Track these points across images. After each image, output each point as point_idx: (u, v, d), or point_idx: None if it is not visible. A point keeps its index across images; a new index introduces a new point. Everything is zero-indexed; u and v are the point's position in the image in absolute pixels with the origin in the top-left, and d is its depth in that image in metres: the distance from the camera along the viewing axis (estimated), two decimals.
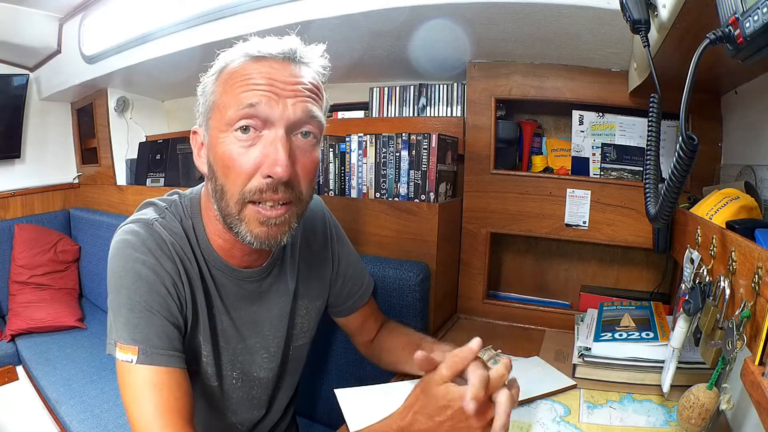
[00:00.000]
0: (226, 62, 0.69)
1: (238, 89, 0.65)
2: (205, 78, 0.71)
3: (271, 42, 0.67)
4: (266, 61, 0.66)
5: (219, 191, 0.68)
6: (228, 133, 0.66)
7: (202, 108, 0.71)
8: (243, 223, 0.67)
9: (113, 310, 0.67)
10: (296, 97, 0.66)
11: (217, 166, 0.68)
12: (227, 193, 0.67)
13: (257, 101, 0.64)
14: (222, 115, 0.66)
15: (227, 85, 0.67)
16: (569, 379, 0.93)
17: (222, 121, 0.66)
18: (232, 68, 0.67)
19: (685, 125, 0.50)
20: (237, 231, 0.68)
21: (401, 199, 1.28)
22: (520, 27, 1.13)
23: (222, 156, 0.66)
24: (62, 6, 2.06)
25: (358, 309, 0.98)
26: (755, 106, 0.93)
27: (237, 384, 0.84)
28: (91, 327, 2.12)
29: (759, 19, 0.36)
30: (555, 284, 1.47)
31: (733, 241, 0.57)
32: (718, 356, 0.58)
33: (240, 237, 0.69)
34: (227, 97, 0.66)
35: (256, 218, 0.67)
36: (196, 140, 0.74)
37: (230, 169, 0.66)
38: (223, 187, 0.67)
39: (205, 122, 0.70)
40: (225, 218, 0.69)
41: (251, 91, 0.64)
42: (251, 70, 0.66)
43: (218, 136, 0.67)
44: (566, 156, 1.37)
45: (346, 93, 1.71)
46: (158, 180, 2.12)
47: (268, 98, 0.64)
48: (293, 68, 0.67)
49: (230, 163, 0.65)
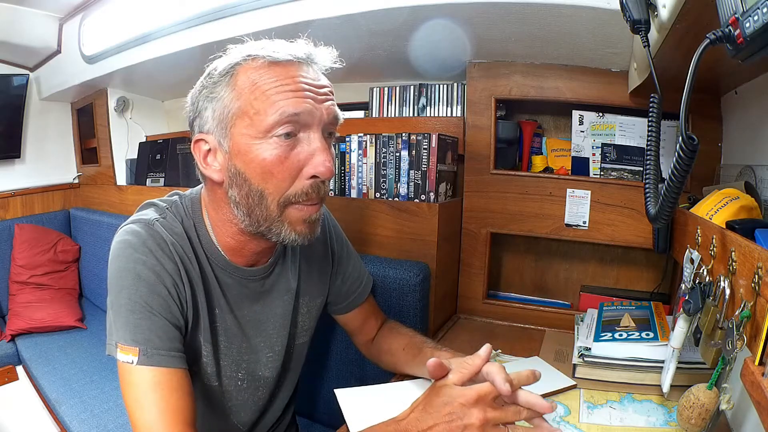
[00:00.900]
0: (232, 65, 0.67)
1: (274, 96, 0.65)
2: (208, 84, 0.69)
3: (287, 45, 0.68)
4: (292, 66, 0.67)
5: (255, 196, 0.68)
6: (265, 139, 0.65)
7: (213, 114, 0.68)
8: (285, 223, 0.69)
9: (113, 310, 0.67)
10: (326, 102, 0.68)
11: (253, 173, 0.67)
12: (267, 198, 0.68)
13: (302, 110, 0.65)
14: (255, 122, 0.65)
15: (257, 90, 0.65)
16: (569, 379, 0.93)
17: (257, 128, 0.65)
18: (255, 73, 0.66)
19: (685, 125, 0.50)
20: (277, 232, 0.70)
21: (401, 199, 1.28)
22: (520, 27, 1.13)
23: (262, 162, 0.66)
24: (62, 6, 2.06)
25: (357, 306, 0.99)
26: (755, 106, 0.93)
27: (242, 385, 0.84)
28: (91, 327, 2.12)
29: (759, 19, 0.36)
30: (555, 284, 1.47)
31: (733, 241, 0.57)
32: (718, 356, 0.58)
33: (280, 238, 0.70)
34: (260, 103, 0.65)
35: (299, 217, 0.69)
36: (201, 148, 0.71)
37: (273, 174, 0.66)
38: (262, 192, 0.67)
39: (222, 129, 0.68)
40: (260, 222, 0.69)
41: (292, 98, 0.65)
42: (280, 75, 0.66)
43: (251, 143, 0.66)
44: (566, 156, 1.37)
45: (346, 93, 1.71)
46: (158, 180, 2.12)
47: (311, 106, 0.66)
48: (315, 71, 0.69)
49: (273, 168, 0.66)
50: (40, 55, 2.31)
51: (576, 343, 1.01)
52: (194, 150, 0.71)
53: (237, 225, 0.73)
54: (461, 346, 1.13)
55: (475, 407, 0.62)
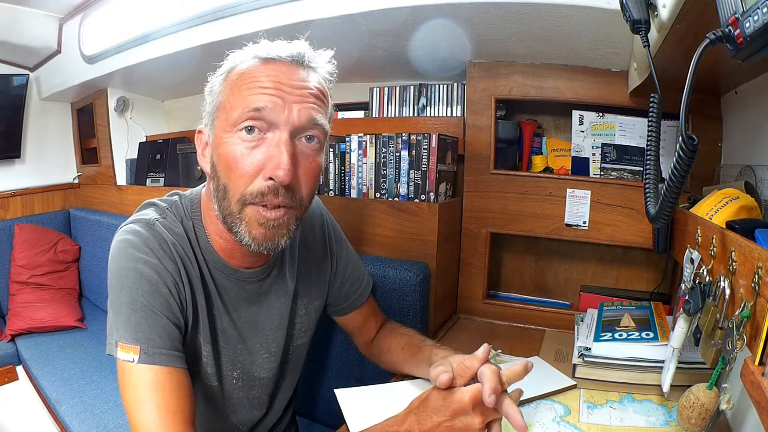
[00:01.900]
0: (234, 63, 0.69)
1: (245, 91, 0.65)
2: (213, 78, 0.71)
3: (280, 45, 0.68)
4: (274, 64, 0.67)
5: (221, 190, 0.68)
6: (233, 133, 0.66)
7: (208, 108, 0.71)
8: (243, 223, 0.68)
9: (114, 309, 0.67)
10: (302, 103, 0.66)
11: (219, 166, 0.68)
12: (229, 193, 0.67)
13: (263, 105, 0.64)
14: (228, 116, 0.67)
15: (235, 86, 0.67)
16: (569, 379, 0.93)
17: (227, 121, 0.66)
18: (240, 70, 0.68)
19: (685, 125, 0.50)
20: (236, 231, 0.68)
21: (401, 199, 1.28)
22: (520, 27, 1.13)
23: (225, 156, 0.66)
24: (62, 6, 2.06)
25: (357, 308, 0.99)
26: (755, 106, 0.93)
27: (237, 384, 0.84)
28: (91, 327, 2.12)
29: (759, 19, 0.36)
30: (555, 284, 1.47)
31: (733, 241, 0.57)
32: (718, 356, 0.58)
33: (239, 238, 0.69)
34: (234, 98, 0.66)
35: (255, 219, 0.67)
36: (201, 139, 0.74)
37: (233, 170, 0.66)
38: (225, 186, 0.67)
39: (210, 122, 0.71)
40: (225, 218, 0.69)
41: (258, 94, 0.65)
42: (259, 73, 0.66)
43: (222, 136, 0.67)
44: (566, 156, 1.37)
45: (346, 93, 1.71)
46: (158, 180, 2.12)
47: (274, 102, 0.64)
48: (301, 72, 0.68)
49: (233, 163, 0.66)
50: (40, 55, 2.31)
51: (576, 343, 1.01)
52: (196, 141, 0.75)
53: (221, 222, 0.72)
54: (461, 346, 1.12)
55: (474, 410, 0.63)
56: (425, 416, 0.63)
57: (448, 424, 0.62)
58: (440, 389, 0.66)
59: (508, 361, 1.05)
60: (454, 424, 0.62)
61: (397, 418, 0.66)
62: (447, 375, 0.65)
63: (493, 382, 0.63)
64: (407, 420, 0.64)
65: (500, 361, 1.04)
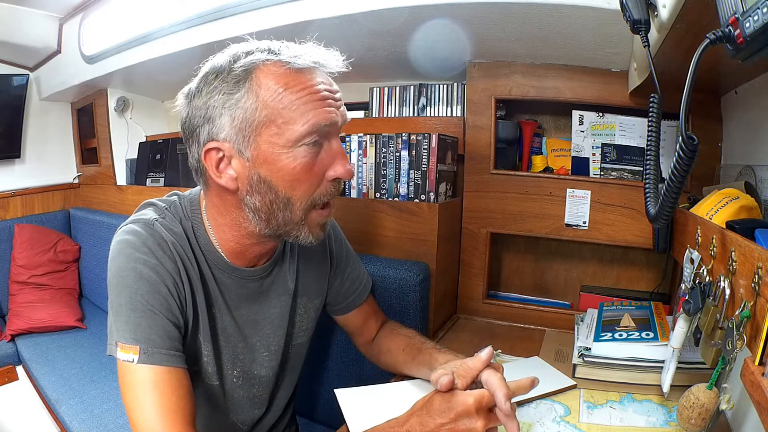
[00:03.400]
0: (249, 70, 0.65)
1: (303, 106, 0.65)
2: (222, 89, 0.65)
3: (311, 51, 0.68)
4: (312, 73, 0.68)
5: (281, 203, 0.69)
6: (294, 147, 0.66)
7: (232, 122, 0.65)
8: (305, 227, 0.72)
9: (114, 310, 0.67)
10: (340, 108, 0.71)
11: (281, 180, 0.67)
12: (295, 204, 0.69)
13: (331, 121, 0.68)
14: (283, 131, 0.65)
15: (285, 99, 0.64)
16: (569, 379, 0.93)
17: (286, 137, 0.65)
18: (279, 80, 0.64)
19: (685, 125, 0.50)
20: (296, 235, 0.72)
21: (401, 199, 1.28)
22: (520, 27, 1.13)
23: (292, 170, 0.67)
24: (62, 6, 2.06)
25: (356, 307, 0.99)
26: (755, 106, 0.93)
27: (238, 383, 0.84)
28: (91, 327, 2.12)
29: (759, 19, 0.36)
30: (555, 284, 1.47)
31: (733, 241, 0.57)
32: (718, 356, 0.58)
33: (300, 240, 0.73)
34: (289, 112, 0.65)
35: (317, 222, 0.73)
36: (213, 157, 0.67)
37: (302, 181, 0.68)
38: (289, 198, 0.69)
39: (242, 137, 0.65)
40: (280, 226, 0.71)
41: (321, 108, 0.67)
42: (305, 84, 0.66)
43: (279, 151, 0.66)
44: (566, 156, 1.37)
45: (346, 93, 1.69)
46: (158, 180, 2.12)
47: (336, 116, 0.69)
48: (326, 75, 0.71)
49: (303, 175, 0.68)
50: (40, 55, 2.31)
51: (576, 343, 1.01)
52: (205, 158, 0.68)
53: (246, 229, 0.73)
54: (461, 346, 1.13)
55: (477, 413, 0.63)
56: (428, 418, 0.63)
57: (451, 426, 0.62)
58: (442, 392, 0.66)
59: (508, 361, 1.05)
60: (456, 426, 0.62)
61: (399, 420, 0.66)
62: (447, 377, 0.66)
63: (505, 388, 0.65)
64: (409, 421, 0.64)
65: (501, 361, 1.04)
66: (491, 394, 0.65)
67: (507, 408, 0.63)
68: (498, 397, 0.64)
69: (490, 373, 0.67)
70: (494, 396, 0.64)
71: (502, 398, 0.64)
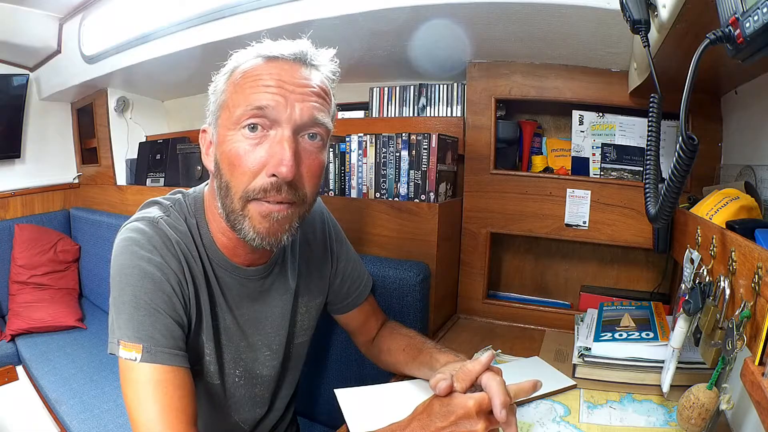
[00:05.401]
0: (237, 62, 0.70)
1: (248, 89, 0.66)
2: (217, 77, 0.72)
3: (283, 44, 0.69)
4: (277, 62, 0.67)
5: (224, 188, 0.69)
6: (236, 131, 0.67)
7: (212, 107, 0.72)
8: (246, 219, 0.68)
9: (116, 308, 0.67)
10: (304, 101, 0.66)
11: (223, 164, 0.68)
12: (231, 190, 0.68)
13: (266, 103, 0.65)
14: (231, 114, 0.67)
15: (238, 85, 0.68)
16: (569, 379, 0.93)
17: (230, 119, 0.67)
18: (244, 68, 0.68)
19: (685, 125, 0.50)
20: (240, 228, 0.69)
21: (401, 199, 1.28)
22: (520, 27, 1.13)
23: (229, 153, 0.67)
24: (62, 6, 2.06)
25: (357, 306, 0.99)
26: (755, 106, 0.93)
27: (240, 382, 0.84)
28: (91, 327, 2.12)
29: (759, 19, 0.36)
30: (555, 284, 1.47)
31: (733, 241, 0.57)
32: (718, 356, 0.58)
33: (242, 234, 0.69)
34: (237, 96, 0.67)
35: (258, 212, 0.67)
36: (205, 138, 0.74)
37: (236, 167, 0.66)
38: (228, 183, 0.68)
39: (214, 121, 0.71)
40: (228, 215, 0.70)
41: (261, 92, 0.65)
42: (261, 71, 0.67)
43: (226, 134, 0.68)
44: (566, 156, 1.37)
45: (346, 93, 1.71)
46: (158, 180, 2.12)
47: (277, 101, 0.65)
48: (303, 70, 0.68)
49: (236, 160, 0.66)
50: (40, 55, 2.31)
51: (576, 343, 1.01)
52: (200, 141, 0.75)
53: (224, 219, 0.72)
54: (461, 346, 1.13)
55: (477, 416, 0.63)
56: (429, 422, 0.64)
57: (452, 429, 0.63)
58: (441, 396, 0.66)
59: (508, 361, 1.05)
60: (457, 429, 0.63)
61: (401, 424, 0.66)
62: (445, 382, 0.66)
63: (503, 395, 0.64)
64: (411, 425, 0.65)
65: (501, 361, 1.04)
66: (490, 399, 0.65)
67: (502, 416, 0.63)
68: (495, 404, 0.63)
69: (489, 377, 0.67)
70: (492, 402, 0.64)
71: (498, 405, 0.63)
